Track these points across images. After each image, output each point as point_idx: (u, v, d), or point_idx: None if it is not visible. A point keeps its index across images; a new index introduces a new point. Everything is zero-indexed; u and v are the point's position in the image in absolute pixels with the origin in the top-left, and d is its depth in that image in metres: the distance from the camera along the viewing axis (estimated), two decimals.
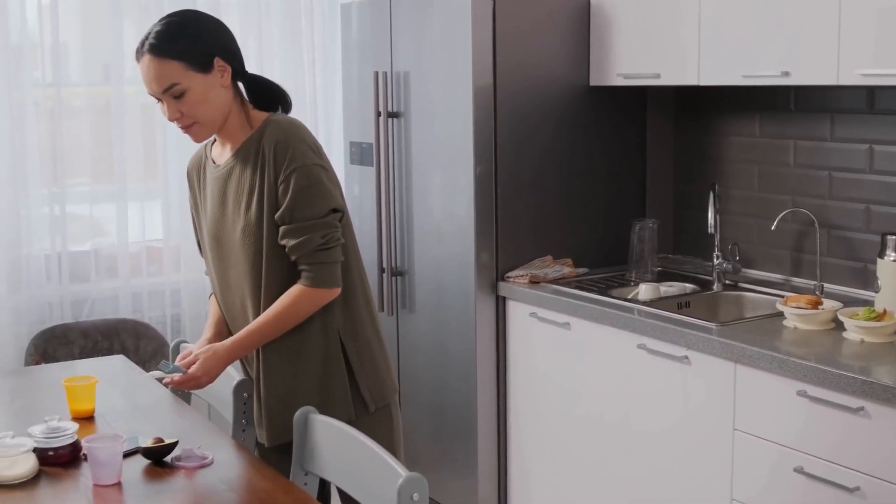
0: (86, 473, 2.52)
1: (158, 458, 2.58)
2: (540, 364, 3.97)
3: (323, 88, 5.00)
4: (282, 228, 2.70)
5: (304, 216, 2.68)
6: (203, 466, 2.55)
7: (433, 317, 4.37)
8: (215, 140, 2.90)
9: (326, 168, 2.76)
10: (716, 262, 3.98)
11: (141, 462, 2.58)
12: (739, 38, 3.58)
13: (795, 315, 3.28)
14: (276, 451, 2.81)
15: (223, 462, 2.62)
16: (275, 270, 2.74)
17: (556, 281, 4.03)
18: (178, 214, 4.69)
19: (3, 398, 3.29)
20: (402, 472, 2.21)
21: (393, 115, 4.49)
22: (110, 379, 3.40)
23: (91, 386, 2.92)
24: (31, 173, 4.45)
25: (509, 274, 4.10)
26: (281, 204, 2.69)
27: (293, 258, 2.71)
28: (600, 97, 4.28)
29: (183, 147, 4.64)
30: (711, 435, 3.28)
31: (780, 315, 3.36)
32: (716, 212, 3.93)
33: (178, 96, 2.70)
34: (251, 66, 4.74)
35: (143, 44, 2.71)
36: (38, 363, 4.23)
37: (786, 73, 3.45)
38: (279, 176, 2.69)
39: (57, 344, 4.39)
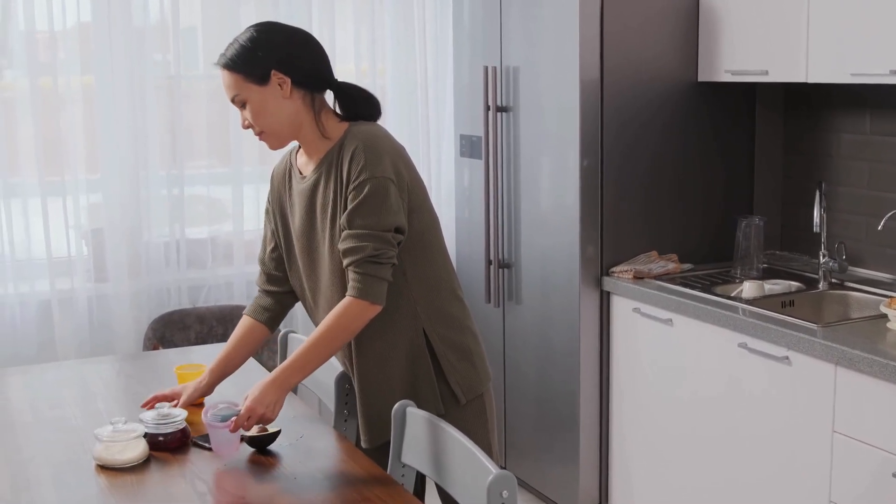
0: (193, 459, 2.64)
1: (262, 447, 2.69)
2: (642, 360, 3.99)
3: (434, 79, 5.06)
4: (342, 234, 2.71)
5: (364, 224, 2.67)
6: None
7: (538, 309, 4.42)
8: (299, 147, 2.94)
9: (400, 181, 2.74)
10: (822, 260, 3.96)
11: (246, 450, 2.69)
12: (848, 36, 3.55)
13: None
14: (376, 452, 2.88)
15: (323, 452, 2.72)
16: None
17: (660, 277, 4.04)
18: None
19: (121, 382, 3.43)
20: (492, 468, 2.26)
21: (502, 109, 4.54)
22: None
23: (200, 374, 3.03)
24: (151, 156, 4.59)
25: (614, 269, 4.12)
26: (346, 210, 2.71)
27: (345, 264, 2.70)
28: (708, 93, 4.27)
29: None
30: (810, 436, 3.28)
31: (885, 317, 3.34)
32: (822, 210, 3.90)
33: (243, 106, 2.80)
34: (363, 57, 4.89)
35: (220, 56, 2.83)
36: (156, 348, 4.38)
37: (895, 72, 3.41)
38: (350, 185, 2.70)
39: (174, 329, 4.54)
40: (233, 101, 2.82)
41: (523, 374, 4.55)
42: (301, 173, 2.89)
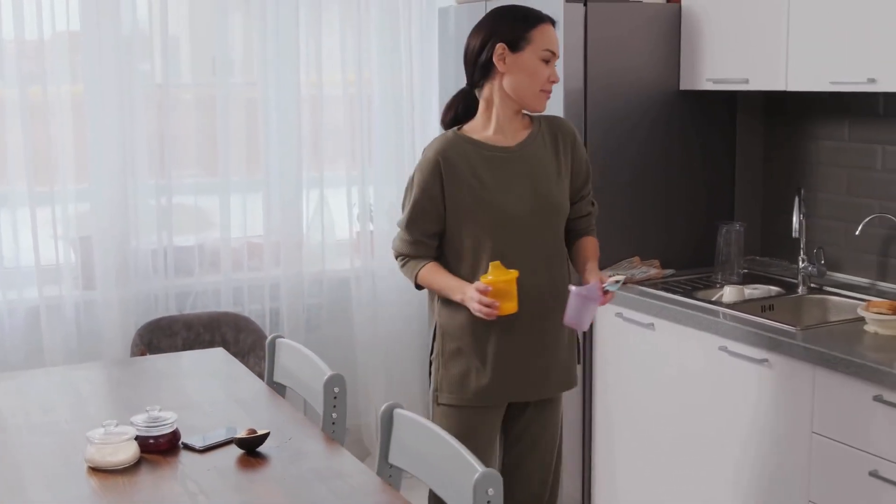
0: (183, 461, 2.68)
1: (251, 448, 2.73)
2: (625, 364, 4.05)
3: (420, 90, 5.11)
4: (580, 196, 3.32)
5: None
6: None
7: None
8: (460, 127, 3.20)
9: None
10: (801, 265, 4.02)
11: (235, 452, 2.73)
12: (827, 45, 3.62)
13: (876, 320, 3.32)
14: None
15: (312, 453, 2.76)
16: (560, 236, 3.28)
17: (642, 282, 4.10)
18: (279, 209, 4.86)
19: (110, 388, 3.48)
20: (478, 467, 2.31)
21: None
22: (210, 371, 3.58)
23: (511, 281, 3.03)
24: (139, 165, 4.62)
25: None
26: (579, 179, 3.29)
27: (585, 218, 3.37)
28: (690, 101, 4.33)
29: (284, 142, 4.82)
30: (790, 437, 3.33)
31: (862, 320, 3.40)
32: (801, 216, 3.96)
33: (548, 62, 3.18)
34: (349, 66, 4.95)
35: (546, 15, 3.18)
36: (143, 354, 4.42)
37: (872, 80, 3.48)
38: (575, 157, 3.25)
39: (161, 335, 4.58)
40: (552, 56, 3.15)
41: None
42: (495, 145, 3.18)
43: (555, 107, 4.13)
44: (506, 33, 3.11)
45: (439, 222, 3.16)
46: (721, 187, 4.48)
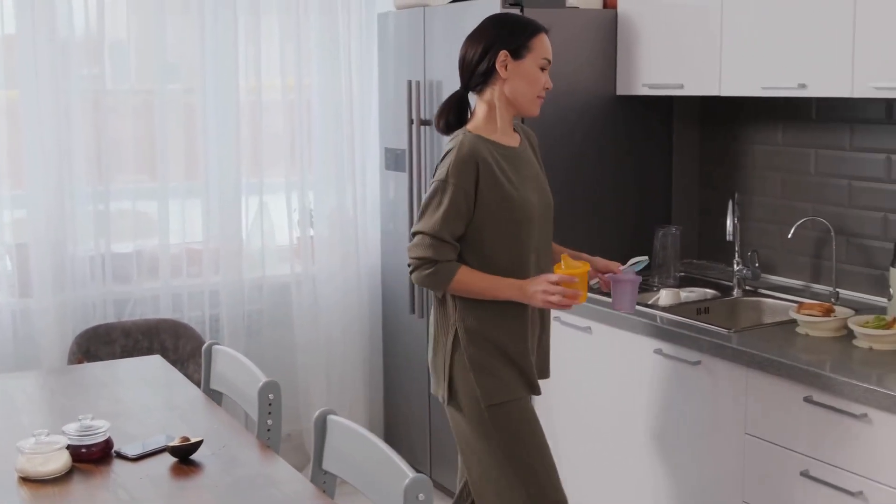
0: (116, 470, 2.67)
1: (185, 457, 2.72)
2: (564, 368, 4.06)
3: (359, 95, 5.11)
4: None
5: None
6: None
7: None
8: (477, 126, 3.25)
9: None
10: (736, 268, 4.06)
11: (168, 460, 2.72)
12: (759, 51, 3.66)
13: (807, 322, 3.36)
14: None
15: (246, 461, 2.76)
16: None
17: None
18: (218, 215, 4.84)
19: (45, 396, 3.45)
20: (409, 472, 2.33)
21: (425, 122, 4.61)
22: (147, 378, 3.57)
23: (585, 273, 3.19)
24: (76, 170, 4.59)
25: None
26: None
27: None
28: (627, 106, 4.37)
29: (223, 147, 4.80)
30: (724, 439, 3.37)
31: (794, 322, 3.45)
32: (735, 219, 4.00)
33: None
34: (288, 71, 4.94)
35: (542, 25, 3.26)
36: (80, 362, 4.39)
37: (802, 86, 3.53)
38: (540, 162, 3.40)
39: (99, 343, 4.54)
40: (548, 64, 3.24)
41: None
42: (506, 145, 3.25)
43: None
44: (509, 41, 3.18)
45: (466, 223, 3.15)
46: (657, 191, 4.52)
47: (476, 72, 3.22)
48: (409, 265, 3.20)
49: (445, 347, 3.21)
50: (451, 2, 4.44)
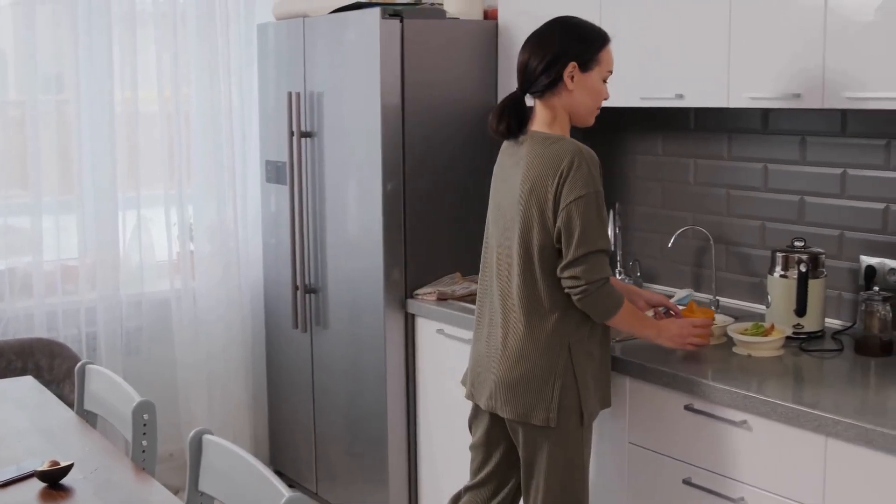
0: None
1: (54, 481, 2.63)
2: (447, 380, 4.04)
3: (240, 106, 5.03)
4: None
5: None
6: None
7: (346, 333, 4.44)
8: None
9: None
10: (618, 277, 4.08)
11: (37, 485, 2.63)
12: (637, 62, 3.69)
13: None
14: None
15: (118, 484, 2.68)
16: None
17: (463, 297, 4.10)
18: (94, 230, 4.71)
19: None
20: (284, 492, 2.27)
21: (306, 134, 4.55)
22: (17, 400, 3.45)
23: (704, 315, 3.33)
24: None
25: (418, 291, 4.17)
26: None
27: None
28: None
29: (98, 160, 4.68)
30: (608, 448, 3.37)
31: None
32: (616, 229, 4.02)
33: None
34: (165, 83, 4.84)
35: (607, 34, 3.15)
36: None
37: (680, 96, 3.56)
38: None
39: None
40: (610, 75, 3.16)
41: (333, 398, 4.56)
42: None
43: (373, 121, 4.12)
44: (579, 53, 3.08)
45: None
46: None
47: (539, 80, 3.11)
48: (583, 290, 2.97)
49: (554, 367, 3.05)
50: (331, 12, 4.39)
